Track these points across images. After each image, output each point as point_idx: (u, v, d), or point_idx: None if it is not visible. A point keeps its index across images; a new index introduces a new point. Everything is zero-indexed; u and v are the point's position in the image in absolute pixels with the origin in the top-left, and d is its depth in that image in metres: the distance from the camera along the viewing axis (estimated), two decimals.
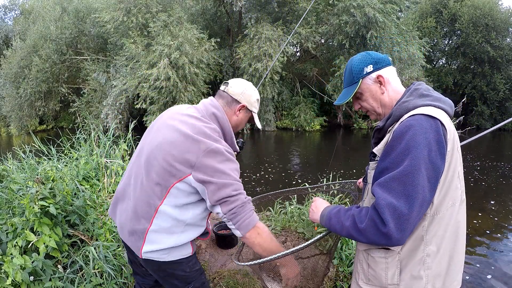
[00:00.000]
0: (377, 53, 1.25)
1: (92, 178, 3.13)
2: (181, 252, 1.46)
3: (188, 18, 14.82)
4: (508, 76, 19.51)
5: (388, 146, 1.08)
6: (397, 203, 1.00)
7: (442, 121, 1.05)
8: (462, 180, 1.15)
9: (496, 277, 3.56)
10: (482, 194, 6.66)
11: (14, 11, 26.15)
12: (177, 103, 12.99)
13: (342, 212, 1.19)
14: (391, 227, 1.00)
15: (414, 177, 1.00)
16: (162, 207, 1.35)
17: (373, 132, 1.25)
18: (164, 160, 1.32)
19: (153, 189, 1.35)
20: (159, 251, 1.41)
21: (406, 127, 1.04)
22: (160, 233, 1.39)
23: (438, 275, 1.10)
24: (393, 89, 1.23)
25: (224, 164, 1.31)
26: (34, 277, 1.90)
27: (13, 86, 15.85)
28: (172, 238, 1.40)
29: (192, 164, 1.29)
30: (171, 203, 1.35)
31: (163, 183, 1.33)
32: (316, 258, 1.59)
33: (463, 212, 1.16)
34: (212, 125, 1.39)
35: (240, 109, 1.50)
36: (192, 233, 1.44)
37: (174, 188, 1.33)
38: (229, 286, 2.25)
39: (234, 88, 1.49)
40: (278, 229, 2.82)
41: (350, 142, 15.23)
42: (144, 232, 1.39)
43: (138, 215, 1.40)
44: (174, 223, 1.38)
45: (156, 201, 1.35)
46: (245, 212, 1.33)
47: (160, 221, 1.37)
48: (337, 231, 1.20)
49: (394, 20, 13.97)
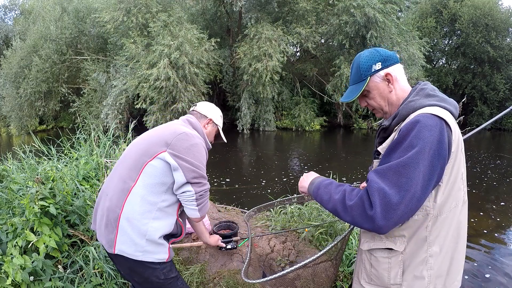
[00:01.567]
0: (386, 50, 1.23)
1: (92, 178, 3.13)
2: (156, 255, 1.48)
3: (188, 18, 14.81)
4: (508, 76, 19.52)
5: (394, 143, 1.08)
6: (389, 191, 1.00)
7: (448, 121, 1.05)
8: (465, 181, 1.15)
9: (496, 277, 3.56)
10: (482, 194, 6.66)
11: (14, 11, 26.18)
12: (177, 103, 13.01)
13: (333, 185, 1.19)
14: (378, 211, 0.99)
15: (410, 169, 0.99)
16: (134, 188, 1.45)
17: (377, 131, 1.24)
18: (144, 145, 1.52)
19: (129, 173, 1.48)
20: (131, 244, 1.43)
21: (413, 123, 1.04)
22: (132, 220, 1.43)
23: (440, 275, 1.10)
24: (401, 88, 1.22)
25: (197, 148, 1.52)
26: (34, 277, 1.90)
27: (13, 86, 15.83)
28: (144, 226, 1.44)
29: (168, 143, 1.48)
30: (144, 182, 1.45)
31: (138, 164, 1.48)
32: (321, 266, 1.59)
33: (464, 213, 1.16)
34: (188, 125, 1.66)
35: (208, 122, 1.77)
36: (164, 222, 1.49)
37: (148, 165, 1.46)
38: (229, 286, 2.25)
39: (201, 107, 1.80)
40: (278, 229, 2.82)
41: (350, 142, 15.24)
42: (116, 220, 1.45)
43: (112, 204, 1.47)
44: (146, 207, 1.45)
45: (130, 183, 1.46)
46: (207, 197, 1.56)
47: (131, 204, 1.44)
48: (322, 202, 1.19)
49: (394, 20, 13.96)
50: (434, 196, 1.06)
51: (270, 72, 13.55)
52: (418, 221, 1.08)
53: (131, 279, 1.57)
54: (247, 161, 10.23)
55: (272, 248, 2.56)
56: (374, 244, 1.18)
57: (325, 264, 1.59)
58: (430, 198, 1.06)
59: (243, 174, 8.15)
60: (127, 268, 1.51)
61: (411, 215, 1.03)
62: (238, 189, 6.76)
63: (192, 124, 1.69)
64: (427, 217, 1.07)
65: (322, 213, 2.92)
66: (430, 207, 1.07)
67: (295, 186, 6.23)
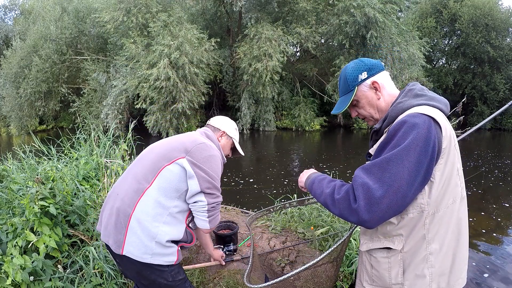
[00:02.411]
0: (370, 59, 1.27)
1: (92, 178, 3.13)
2: (165, 258, 1.47)
3: (188, 18, 14.82)
4: (508, 76, 19.53)
5: (382, 143, 1.10)
6: (372, 185, 1.02)
7: (436, 119, 1.06)
8: (462, 177, 1.15)
9: (495, 277, 3.56)
10: (482, 194, 6.66)
11: (14, 11, 26.19)
12: (177, 103, 13.01)
13: (326, 180, 1.24)
14: (361, 205, 1.02)
15: (394, 165, 1.01)
16: (149, 190, 1.45)
17: (370, 134, 1.27)
18: (163, 150, 1.53)
19: (144, 175, 1.48)
20: (141, 246, 1.41)
21: (400, 124, 1.06)
22: (143, 221, 1.42)
23: (443, 273, 1.10)
24: (388, 93, 1.24)
25: (214, 160, 1.53)
26: (34, 277, 1.90)
27: (13, 86, 15.85)
28: (155, 229, 1.43)
29: (188, 150, 1.49)
30: (159, 185, 1.45)
31: (155, 167, 1.48)
32: (323, 268, 1.59)
33: (464, 209, 1.16)
34: (205, 137, 1.67)
35: (222, 135, 1.78)
36: (174, 228, 1.48)
37: (166, 169, 1.47)
38: (229, 286, 2.25)
39: (214, 121, 1.82)
40: (278, 229, 2.83)
41: (350, 142, 15.24)
42: (127, 220, 1.43)
43: (124, 204, 1.45)
44: (158, 210, 1.44)
45: (145, 185, 1.46)
46: (218, 210, 1.55)
47: (144, 205, 1.43)
48: (316, 195, 1.25)
49: (394, 20, 13.97)
50: (428, 193, 1.07)
51: (270, 72, 13.56)
52: (414, 219, 1.08)
53: (137, 281, 1.56)
54: (247, 161, 10.23)
55: (272, 248, 2.56)
56: (372, 245, 1.18)
57: (326, 265, 1.59)
58: (423, 195, 1.07)
59: (243, 174, 8.15)
60: (133, 270, 1.50)
61: (398, 210, 1.04)
62: (238, 189, 6.76)
63: (209, 136, 1.70)
64: (422, 214, 1.07)
65: (322, 213, 2.92)
66: (424, 204, 1.07)
67: (295, 186, 6.24)
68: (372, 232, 1.19)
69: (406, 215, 1.09)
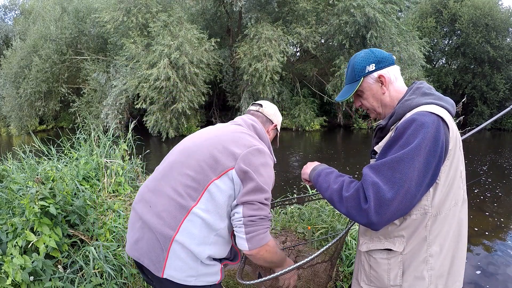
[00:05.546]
0: (382, 51, 1.23)
1: (92, 178, 3.13)
2: (209, 278, 1.29)
3: (188, 18, 14.82)
4: (508, 76, 19.52)
5: (390, 141, 1.07)
6: (383, 186, 0.99)
7: (445, 119, 1.04)
8: (464, 179, 1.14)
9: (495, 277, 3.56)
10: (483, 194, 6.66)
11: (14, 11, 26.20)
12: (177, 103, 13.00)
13: (334, 175, 1.19)
14: (371, 206, 0.98)
15: (405, 165, 0.98)
16: (195, 209, 1.21)
17: (375, 131, 1.24)
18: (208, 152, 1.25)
19: (187, 189, 1.23)
20: (185, 269, 1.22)
21: (409, 122, 1.03)
22: (188, 246, 1.21)
23: (441, 275, 1.09)
24: (395, 89, 1.22)
25: (266, 168, 1.27)
26: (34, 277, 1.90)
27: (13, 86, 15.84)
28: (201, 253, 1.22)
29: (237, 157, 1.23)
30: (206, 204, 1.21)
31: (201, 180, 1.22)
32: (318, 267, 1.58)
33: (465, 211, 1.15)
34: (254, 134, 1.40)
35: (273, 128, 1.57)
36: (220, 248, 1.29)
37: (213, 185, 1.21)
38: (229, 286, 2.25)
39: (268, 109, 1.56)
40: (278, 229, 2.83)
41: (350, 142, 15.23)
42: (168, 243, 1.20)
43: (164, 222, 1.22)
44: (205, 231, 1.22)
45: (190, 202, 1.21)
46: (263, 226, 1.22)
47: (189, 226, 1.20)
48: (321, 189, 1.20)
49: (394, 20, 13.96)
50: (432, 194, 1.05)
51: (270, 72, 13.55)
52: (417, 220, 1.07)
53: None
54: None
55: None
56: (372, 245, 1.17)
57: (322, 265, 1.58)
58: (428, 196, 1.05)
59: None
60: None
61: (405, 212, 1.02)
62: None
63: (258, 132, 1.43)
64: (425, 216, 1.06)
65: (322, 213, 2.92)
66: (428, 205, 1.05)
67: (295, 186, 6.24)
68: (372, 232, 1.17)
69: (409, 217, 1.07)
